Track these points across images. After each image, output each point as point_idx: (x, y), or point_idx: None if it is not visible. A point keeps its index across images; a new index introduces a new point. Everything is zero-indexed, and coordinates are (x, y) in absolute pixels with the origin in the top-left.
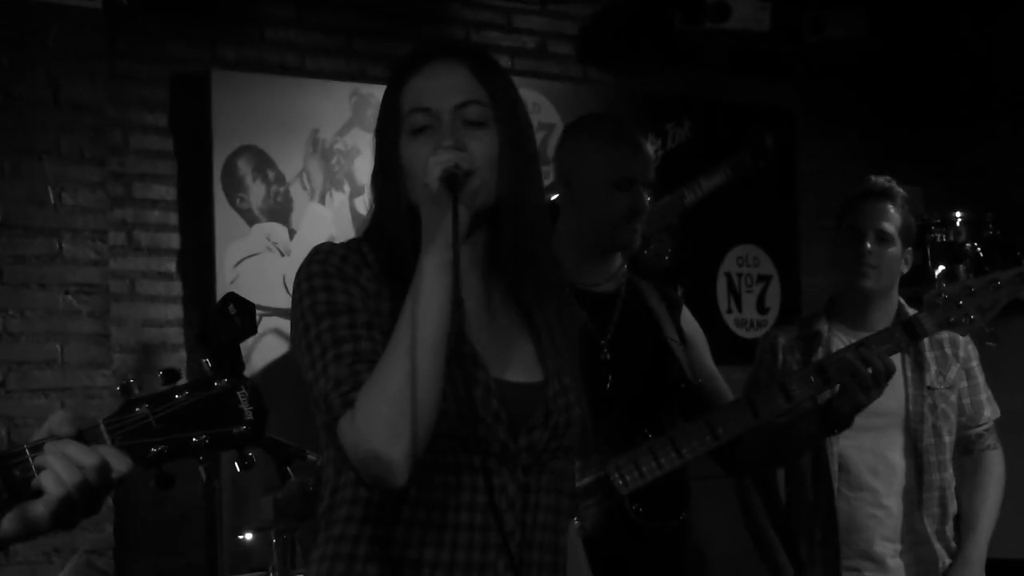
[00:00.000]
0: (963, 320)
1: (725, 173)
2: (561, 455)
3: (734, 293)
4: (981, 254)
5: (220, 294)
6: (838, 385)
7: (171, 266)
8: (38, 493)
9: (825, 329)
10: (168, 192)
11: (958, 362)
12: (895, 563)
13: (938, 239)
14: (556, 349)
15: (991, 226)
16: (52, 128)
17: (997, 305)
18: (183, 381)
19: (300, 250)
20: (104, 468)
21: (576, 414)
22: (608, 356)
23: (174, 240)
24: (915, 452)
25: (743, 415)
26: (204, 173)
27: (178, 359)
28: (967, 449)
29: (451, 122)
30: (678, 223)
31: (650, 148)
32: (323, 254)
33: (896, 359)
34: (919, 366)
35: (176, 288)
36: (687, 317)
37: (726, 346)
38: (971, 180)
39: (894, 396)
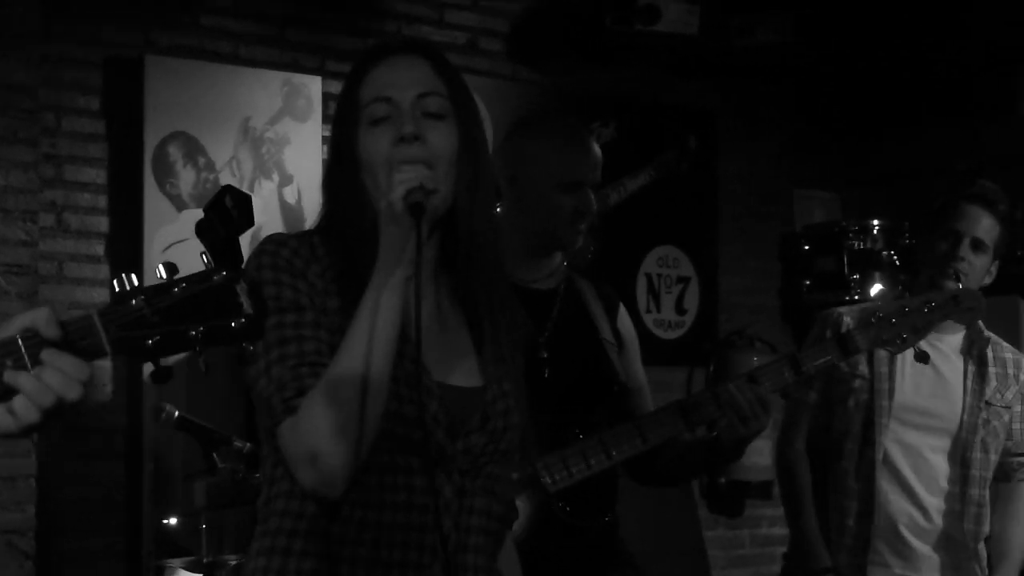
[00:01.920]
0: (896, 340)
1: (649, 174)
2: (498, 459)
3: (653, 293)
4: (897, 262)
5: (148, 279)
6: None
7: (100, 249)
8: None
9: None
10: (99, 175)
11: (1017, 384)
12: (928, 563)
13: (855, 246)
14: (499, 355)
15: (907, 234)
16: None
17: (929, 326)
18: (183, 275)
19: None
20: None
21: (514, 420)
22: (545, 355)
23: (103, 223)
24: (963, 462)
25: (674, 421)
26: (135, 157)
27: None
28: (1006, 476)
29: (411, 112)
30: (600, 223)
31: (597, 148)
32: (274, 245)
33: (959, 368)
34: (981, 378)
35: (104, 271)
36: (623, 318)
37: (645, 346)
38: (888, 188)
39: (951, 401)
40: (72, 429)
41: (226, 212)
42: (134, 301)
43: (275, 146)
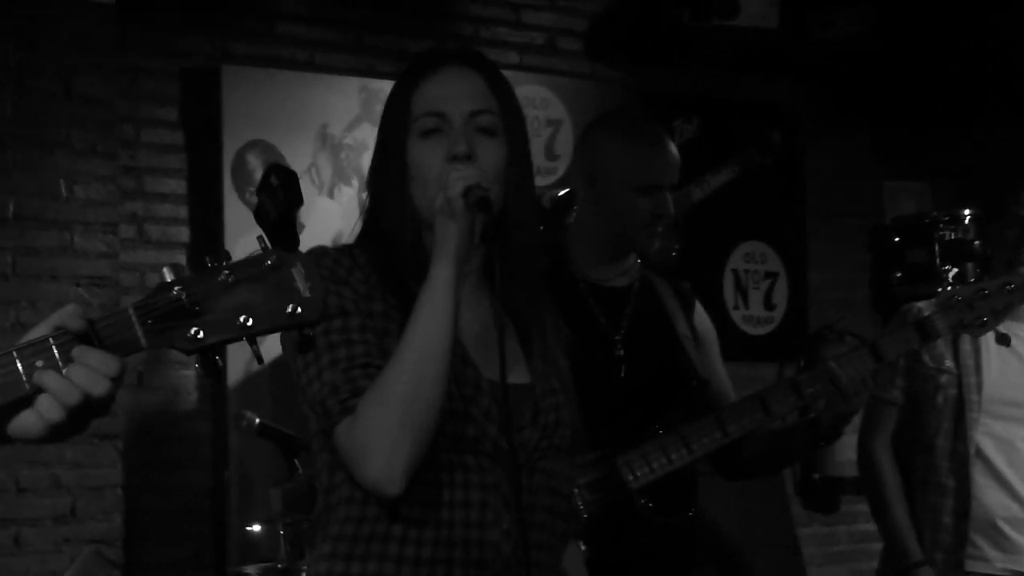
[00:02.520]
0: (976, 322)
1: (733, 170)
2: (552, 455)
3: (741, 290)
4: (989, 252)
5: None
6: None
7: (181, 259)
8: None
9: None
10: (178, 186)
11: None
12: None
13: (947, 237)
14: (545, 355)
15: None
16: (64, 122)
17: (1009, 308)
18: (232, 261)
19: (308, 244)
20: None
21: (564, 415)
22: (621, 352)
23: (184, 234)
24: None
25: (754, 412)
26: (214, 167)
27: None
28: None
29: (463, 128)
30: (684, 220)
31: (675, 150)
32: (314, 256)
33: None
34: None
35: None
36: (700, 313)
37: (733, 343)
38: (980, 177)
39: None
40: (157, 438)
41: (273, 191)
42: (173, 291)
43: (353, 152)
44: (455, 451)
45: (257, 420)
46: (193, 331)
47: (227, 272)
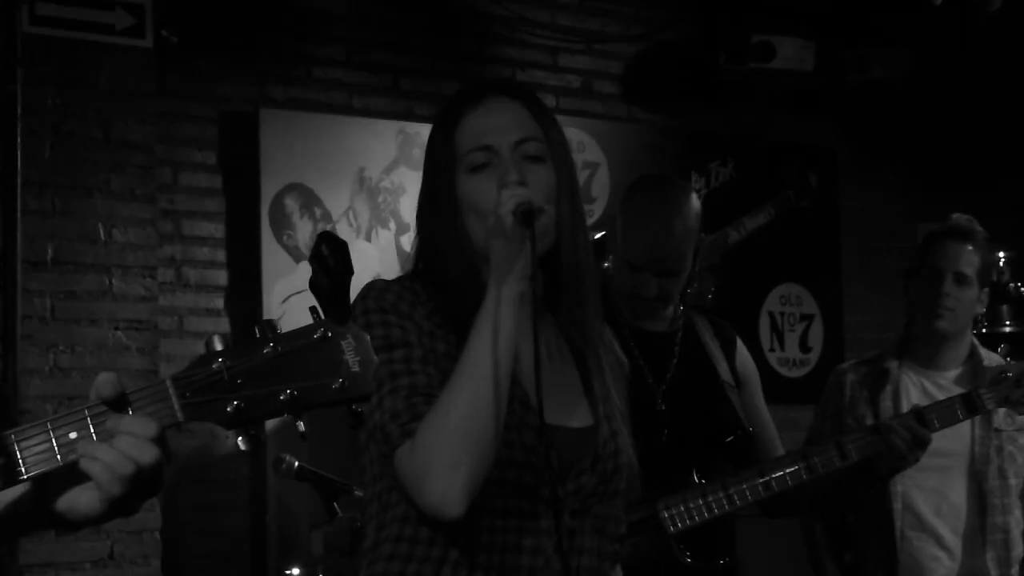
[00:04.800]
0: (1021, 399)
1: (769, 212)
2: (607, 499)
3: (777, 332)
4: None
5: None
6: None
7: (219, 302)
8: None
9: (895, 367)
10: (216, 229)
11: None
12: None
13: None
14: (607, 393)
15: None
16: (103, 166)
17: None
18: (278, 332)
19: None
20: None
21: (624, 460)
22: (663, 406)
23: (222, 277)
24: (979, 493)
25: (796, 468)
26: (252, 210)
27: None
28: None
29: (511, 158)
30: (721, 262)
31: (680, 227)
32: (378, 290)
33: None
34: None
35: (224, 324)
36: (742, 355)
37: (768, 385)
38: (1015, 219)
39: (958, 437)
40: (196, 482)
41: (324, 261)
42: (214, 364)
43: (391, 195)
44: (512, 497)
45: (296, 463)
46: (233, 406)
47: (272, 344)
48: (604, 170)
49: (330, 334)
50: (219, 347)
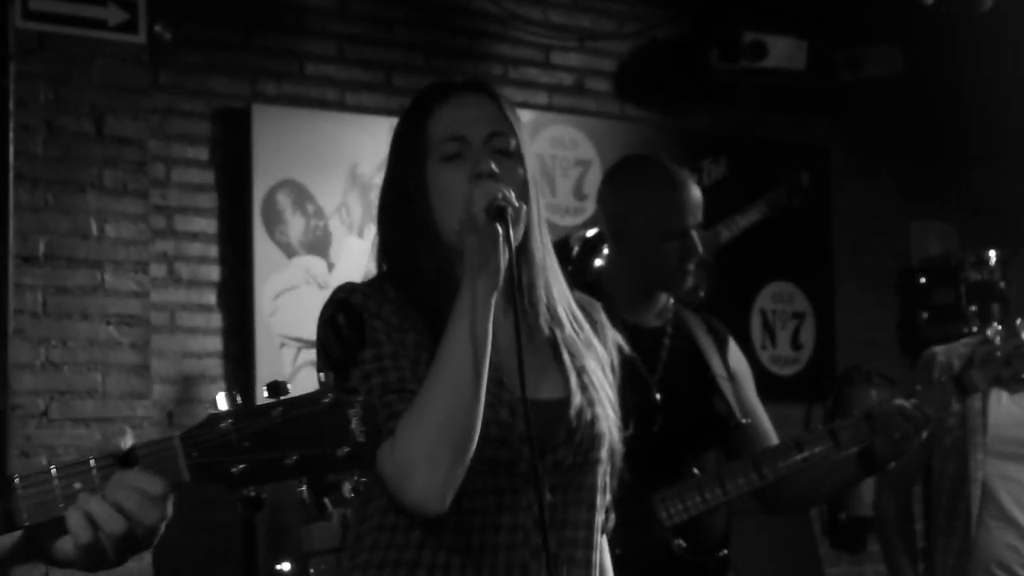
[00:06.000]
0: (1012, 378)
1: (761, 210)
2: (588, 470)
3: (768, 330)
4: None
5: (259, 327)
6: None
7: (211, 298)
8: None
9: None
10: (209, 225)
11: None
12: None
13: (972, 278)
14: (581, 366)
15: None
16: (96, 161)
17: None
18: (287, 396)
19: (338, 283)
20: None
21: (601, 428)
22: (658, 396)
23: (214, 272)
24: None
25: (789, 456)
26: (244, 206)
27: (216, 391)
28: None
29: (482, 150)
30: (713, 260)
31: (696, 189)
32: (344, 292)
33: None
34: None
35: (216, 320)
36: (734, 351)
37: (760, 383)
38: (1006, 218)
39: None
40: None
41: (339, 330)
42: (223, 424)
43: None
44: (490, 475)
45: None
46: (239, 468)
47: (280, 408)
48: (596, 168)
49: (338, 402)
50: (226, 406)
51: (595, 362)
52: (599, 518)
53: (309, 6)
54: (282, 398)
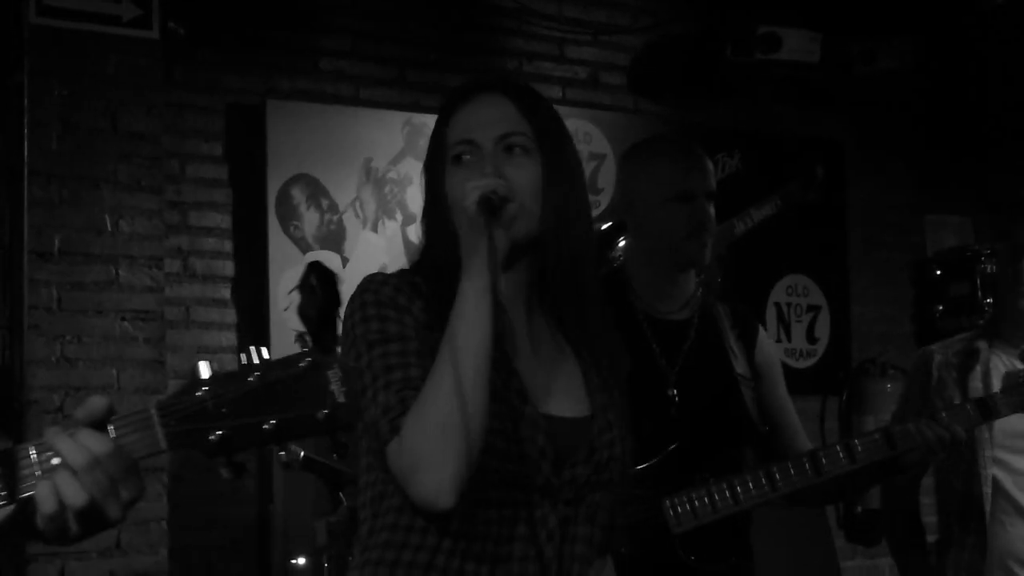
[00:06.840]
0: None
1: (775, 204)
2: (601, 489)
3: (783, 323)
4: None
5: (274, 321)
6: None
7: (226, 293)
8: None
9: (985, 347)
10: (223, 220)
11: None
12: None
13: (987, 270)
14: (603, 384)
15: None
16: (110, 157)
17: None
18: (265, 360)
19: (353, 278)
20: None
21: (618, 451)
22: (675, 393)
23: (228, 267)
24: None
25: (804, 471)
26: (259, 201)
27: None
28: None
29: (492, 152)
30: (728, 253)
31: (707, 161)
32: (376, 284)
33: None
34: None
35: (230, 315)
36: (762, 344)
37: None
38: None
39: None
40: (202, 472)
41: (312, 291)
42: (199, 392)
43: (398, 186)
44: (507, 488)
45: (302, 453)
46: (217, 435)
47: (258, 373)
48: (611, 161)
49: (317, 363)
50: (206, 374)
51: (614, 378)
52: (599, 535)
53: (323, 1)
54: (259, 361)
